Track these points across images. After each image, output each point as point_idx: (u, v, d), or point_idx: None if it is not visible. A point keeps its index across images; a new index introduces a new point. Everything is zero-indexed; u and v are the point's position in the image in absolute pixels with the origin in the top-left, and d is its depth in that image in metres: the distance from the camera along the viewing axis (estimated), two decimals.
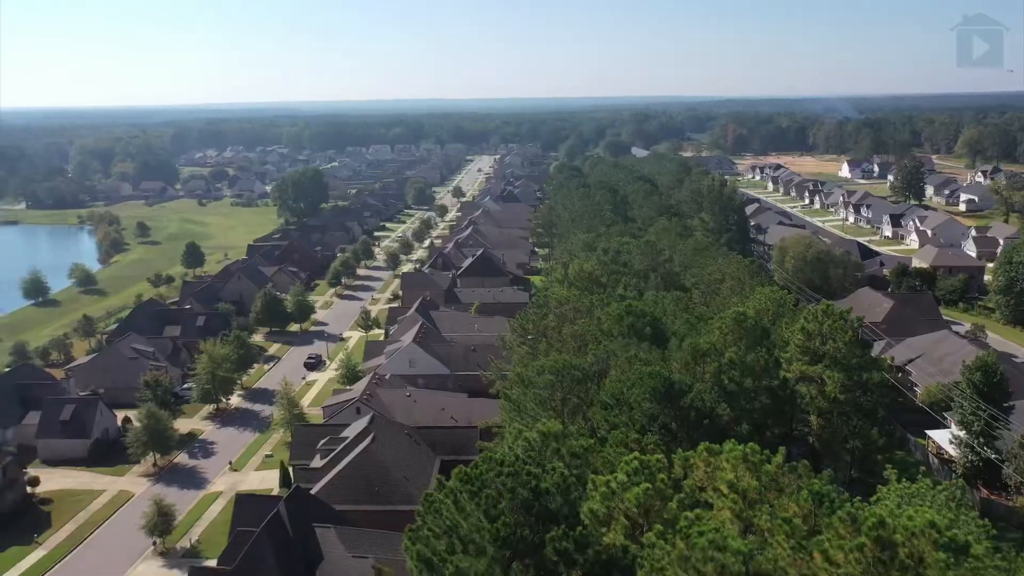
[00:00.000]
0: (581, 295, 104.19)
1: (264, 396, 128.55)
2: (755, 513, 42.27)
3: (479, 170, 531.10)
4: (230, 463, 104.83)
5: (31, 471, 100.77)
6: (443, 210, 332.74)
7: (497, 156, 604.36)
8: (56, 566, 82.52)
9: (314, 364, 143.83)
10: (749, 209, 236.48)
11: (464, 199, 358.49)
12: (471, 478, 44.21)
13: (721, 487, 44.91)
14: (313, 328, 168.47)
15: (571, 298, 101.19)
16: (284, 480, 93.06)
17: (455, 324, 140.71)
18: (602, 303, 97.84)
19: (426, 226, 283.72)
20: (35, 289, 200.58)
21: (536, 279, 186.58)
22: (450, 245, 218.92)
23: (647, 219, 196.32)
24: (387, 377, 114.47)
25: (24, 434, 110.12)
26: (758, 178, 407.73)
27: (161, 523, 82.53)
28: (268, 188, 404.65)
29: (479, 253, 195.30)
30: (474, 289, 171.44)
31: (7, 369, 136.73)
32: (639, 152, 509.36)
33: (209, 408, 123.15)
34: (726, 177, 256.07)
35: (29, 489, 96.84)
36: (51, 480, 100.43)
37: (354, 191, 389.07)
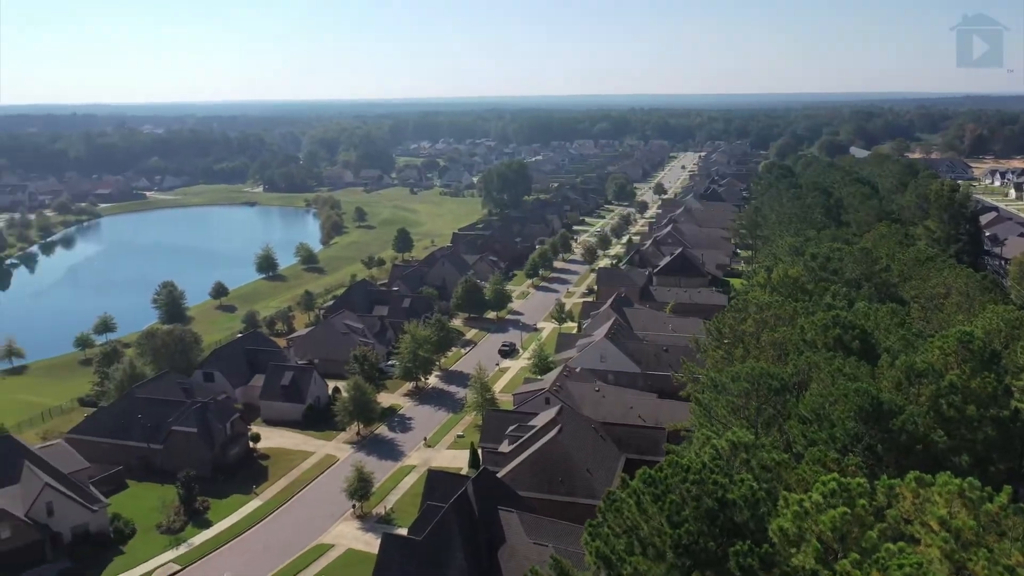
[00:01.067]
0: (784, 301, 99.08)
1: (459, 378, 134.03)
2: (970, 556, 38.14)
3: (683, 167, 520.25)
4: (425, 439, 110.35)
5: (254, 428, 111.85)
6: (643, 207, 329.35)
7: (702, 153, 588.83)
8: (270, 515, 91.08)
9: (508, 352, 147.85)
10: (985, 218, 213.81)
11: (665, 196, 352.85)
12: (655, 481, 43.47)
13: (931, 522, 40.93)
14: (509, 317, 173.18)
15: (773, 304, 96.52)
16: (473, 461, 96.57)
17: (649, 322, 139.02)
18: (807, 311, 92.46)
19: (625, 222, 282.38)
20: (266, 264, 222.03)
21: (736, 282, 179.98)
22: (648, 242, 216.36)
23: (863, 225, 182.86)
24: (577, 370, 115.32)
25: (250, 394, 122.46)
26: (998, 184, 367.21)
27: (360, 488, 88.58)
28: (475, 179, 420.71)
29: (677, 252, 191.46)
30: (670, 288, 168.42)
31: (239, 335, 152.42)
32: (858, 152, 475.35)
33: (409, 385, 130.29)
34: (959, 182, 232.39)
35: (251, 444, 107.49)
36: (270, 438, 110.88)
37: (556, 185, 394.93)
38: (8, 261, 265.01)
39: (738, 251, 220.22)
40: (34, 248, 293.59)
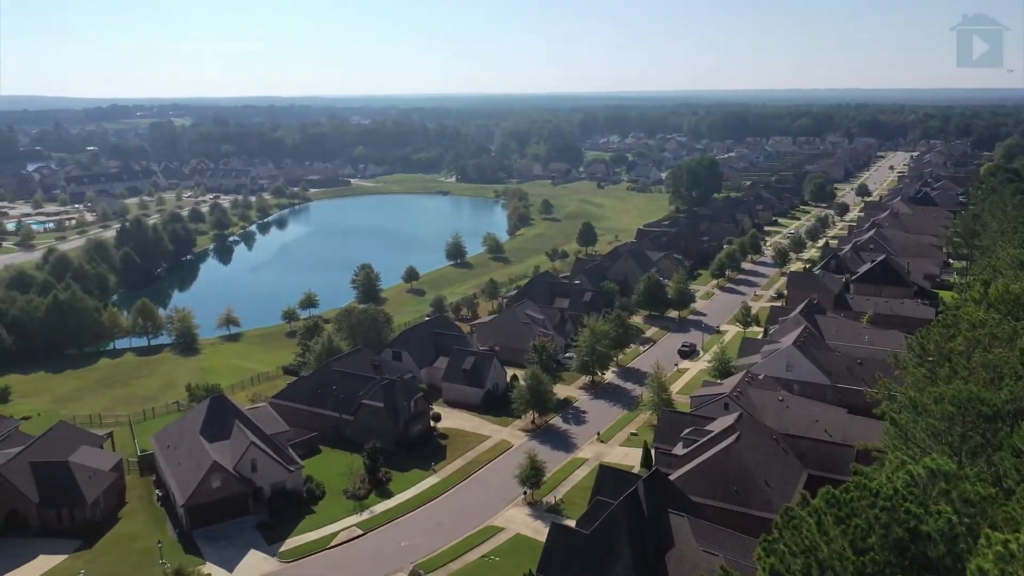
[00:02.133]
0: (1002, 320, 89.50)
1: (636, 376, 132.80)
2: None
3: (891, 167, 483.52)
4: (598, 434, 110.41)
5: (435, 408, 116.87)
6: (843, 209, 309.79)
7: (915, 153, 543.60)
8: (446, 493, 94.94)
9: (687, 352, 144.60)
10: None
11: (869, 198, 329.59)
12: (840, 502, 40.86)
13: None
14: (691, 317, 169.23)
15: (989, 321, 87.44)
16: (645, 460, 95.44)
17: (842, 332, 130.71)
18: None
19: (822, 224, 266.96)
20: (455, 252, 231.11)
21: (946, 294, 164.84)
22: (847, 247, 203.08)
23: None
24: (760, 377, 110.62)
25: (433, 376, 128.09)
26: None
27: (532, 476, 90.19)
28: (663, 175, 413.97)
29: (880, 259, 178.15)
30: (869, 297, 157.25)
31: (427, 318, 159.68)
32: None
33: (585, 379, 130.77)
34: None
35: (432, 423, 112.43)
36: (449, 419, 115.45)
37: (748, 183, 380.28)
38: (231, 238, 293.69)
39: (950, 261, 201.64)
40: (252, 227, 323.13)
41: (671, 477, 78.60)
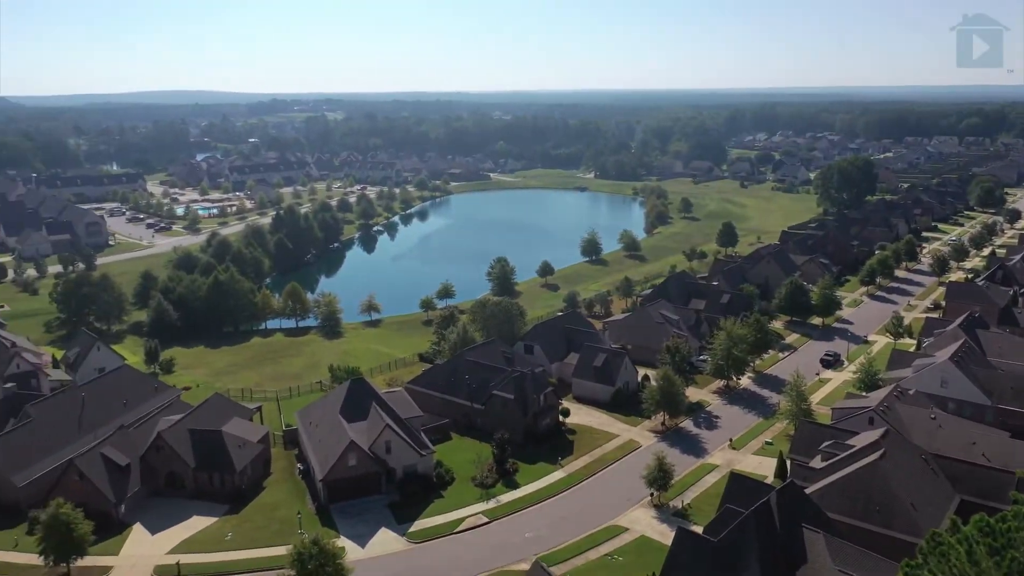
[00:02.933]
0: None
1: (773, 383, 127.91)
2: None
3: None
4: (730, 440, 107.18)
5: (564, 403, 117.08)
6: (1014, 215, 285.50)
7: None
8: (572, 488, 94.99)
9: (831, 362, 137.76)
10: None
11: None
12: (995, 531, 37.78)
13: None
14: (836, 324, 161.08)
15: None
16: (780, 471, 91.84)
17: (1007, 349, 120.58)
18: None
19: (988, 232, 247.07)
20: (590, 248, 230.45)
21: None
22: (1016, 257, 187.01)
23: None
24: (911, 392, 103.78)
25: (564, 371, 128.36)
26: None
27: (660, 478, 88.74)
28: (811, 175, 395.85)
29: None
30: None
31: (560, 313, 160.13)
32: None
33: (719, 383, 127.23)
34: None
35: (561, 418, 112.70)
36: (578, 415, 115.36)
37: (906, 185, 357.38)
38: (375, 228, 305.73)
39: None
40: (396, 218, 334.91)
41: (807, 491, 75.21)
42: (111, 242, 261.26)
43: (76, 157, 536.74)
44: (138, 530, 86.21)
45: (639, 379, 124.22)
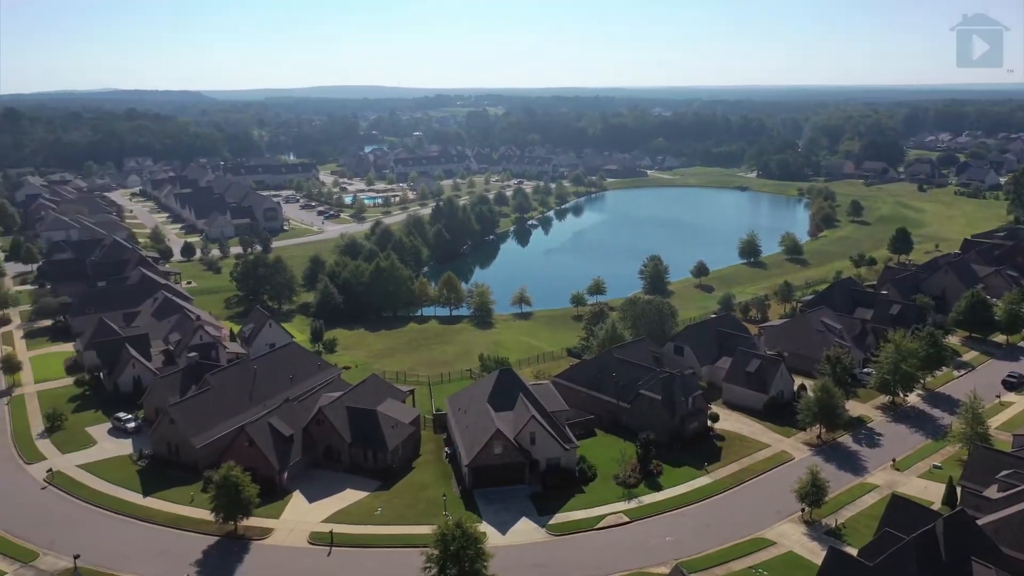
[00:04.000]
0: None
1: (946, 403, 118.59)
2: None
3: None
4: (893, 460, 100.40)
5: (713, 407, 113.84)
6: None
7: None
8: (717, 495, 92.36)
9: (1014, 384, 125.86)
10: None
11: None
12: None
13: None
14: (1022, 343, 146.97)
15: None
16: (948, 498, 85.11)
17: None
18: None
19: None
20: (749, 250, 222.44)
21: None
22: None
23: None
24: None
25: (714, 374, 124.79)
26: None
27: (813, 493, 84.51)
28: (1002, 179, 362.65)
29: None
30: None
31: (713, 315, 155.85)
32: None
33: (884, 398, 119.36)
34: None
35: (709, 423, 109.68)
36: (727, 421, 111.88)
37: None
38: (530, 222, 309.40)
39: None
40: (550, 213, 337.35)
41: (979, 521, 69.24)
42: (286, 227, 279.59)
43: (258, 147, 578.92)
44: (297, 497, 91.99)
45: (795, 388, 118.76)
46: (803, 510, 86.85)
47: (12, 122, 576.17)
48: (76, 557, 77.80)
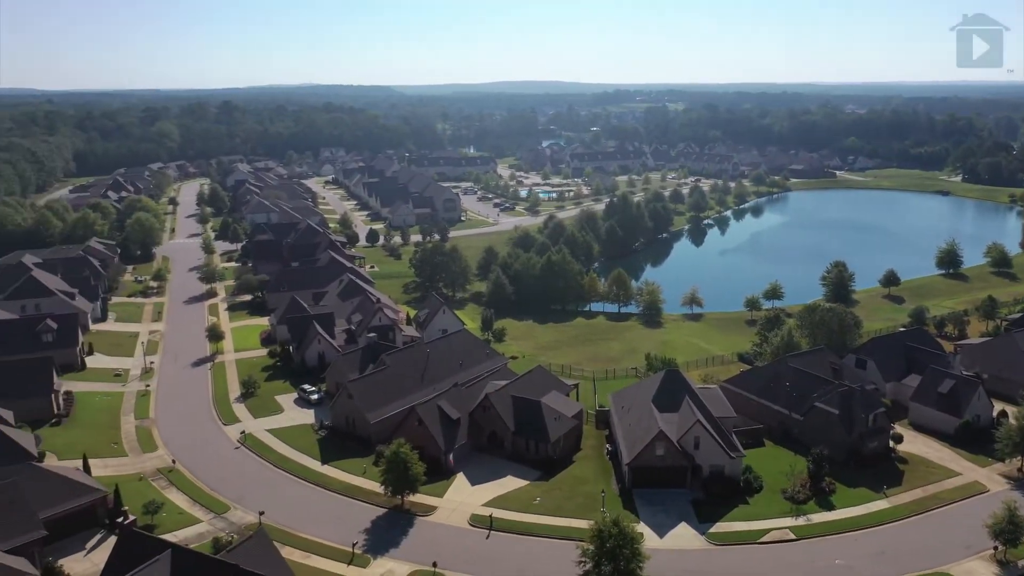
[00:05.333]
0: None
1: None
2: None
3: None
4: None
5: (897, 428, 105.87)
6: None
7: None
8: (896, 522, 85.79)
9: None
10: None
11: None
12: None
13: None
14: None
15: None
16: None
17: None
18: None
19: None
20: (948, 260, 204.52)
21: None
22: None
23: None
24: None
25: (900, 392, 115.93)
26: None
27: (1009, 531, 76.64)
28: None
29: None
30: None
31: (902, 328, 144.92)
32: None
33: None
34: None
35: (891, 444, 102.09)
36: (912, 443, 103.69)
37: None
38: (705, 221, 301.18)
39: None
40: (728, 212, 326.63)
41: None
42: (463, 218, 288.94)
43: (441, 140, 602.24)
44: (460, 479, 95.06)
45: (994, 414, 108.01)
46: (996, 548, 79.00)
47: (227, 114, 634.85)
48: (261, 513, 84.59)
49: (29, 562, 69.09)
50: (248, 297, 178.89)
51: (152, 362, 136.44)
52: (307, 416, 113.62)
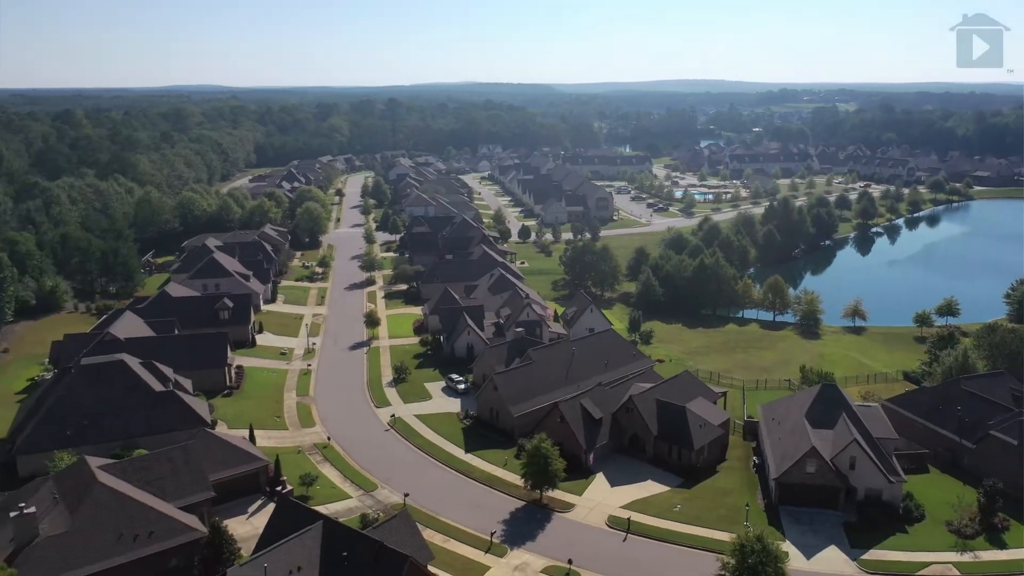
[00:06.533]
0: None
1: None
2: None
3: None
4: None
5: None
6: None
7: None
8: None
9: None
10: None
11: None
12: None
13: None
14: None
15: None
16: None
17: None
18: None
19: None
20: None
21: None
22: None
23: None
24: None
25: None
26: None
27: None
28: None
29: None
30: None
31: None
32: None
33: None
34: None
35: None
36: None
37: None
38: (873, 229, 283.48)
39: None
40: (899, 221, 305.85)
41: None
42: (615, 217, 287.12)
43: (596, 138, 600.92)
44: (600, 479, 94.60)
45: None
46: None
47: (392, 110, 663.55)
48: (406, 495, 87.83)
49: (199, 520, 75.16)
50: (404, 286, 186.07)
51: (314, 343, 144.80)
52: (453, 404, 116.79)
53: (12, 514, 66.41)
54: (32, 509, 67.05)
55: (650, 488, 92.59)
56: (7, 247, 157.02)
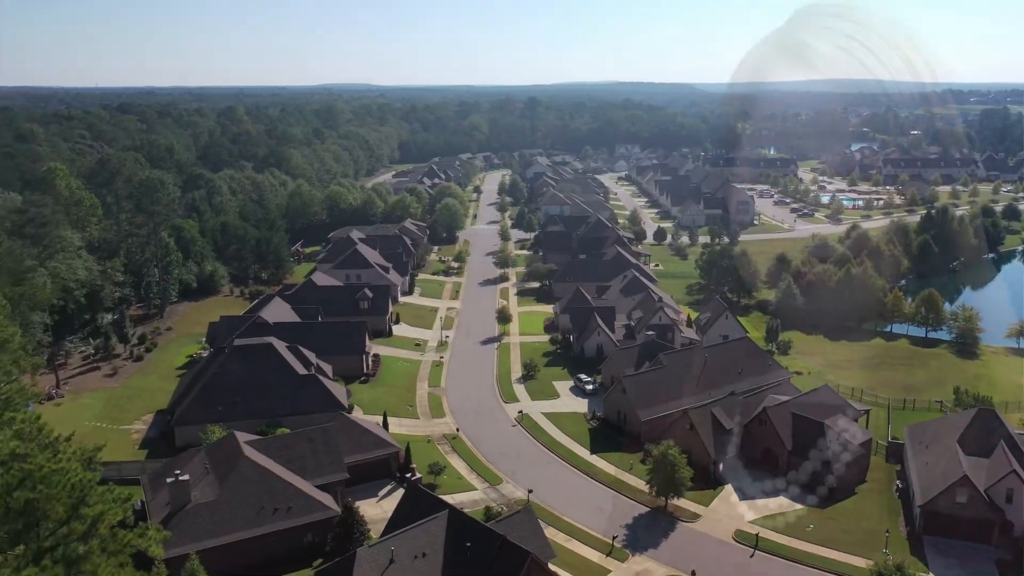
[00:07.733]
0: None
1: None
2: None
3: None
4: None
5: None
6: None
7: None
8: None
9: None
10: None
11: None
12: None
13: None
14: None
15: None
16: None
17: None
18: None
19: None
20: None
21: None
22: None
23: None
24: None
25: None
26: None
27: None
28: None
29: None
30: None
31: None
32: None
33: None
34: None
35: None
36: None
37: None
38: None
39: None
40: None
41: None
42: (755, 221, 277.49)
43: (739, 140, 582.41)
44: (728, 491, 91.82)
45: None
46: None
47: (531, 109, 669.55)
48: (530, 491, 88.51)
49: (333, 499, 78.75)
50: (536, 284, 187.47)
51: (447, 336, 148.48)
52: (581, 405, 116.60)
53: (168, 480, 72.06)
54: (186, 477, 72.52)
55: (781, 504, 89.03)
56: (174, 233, 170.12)
